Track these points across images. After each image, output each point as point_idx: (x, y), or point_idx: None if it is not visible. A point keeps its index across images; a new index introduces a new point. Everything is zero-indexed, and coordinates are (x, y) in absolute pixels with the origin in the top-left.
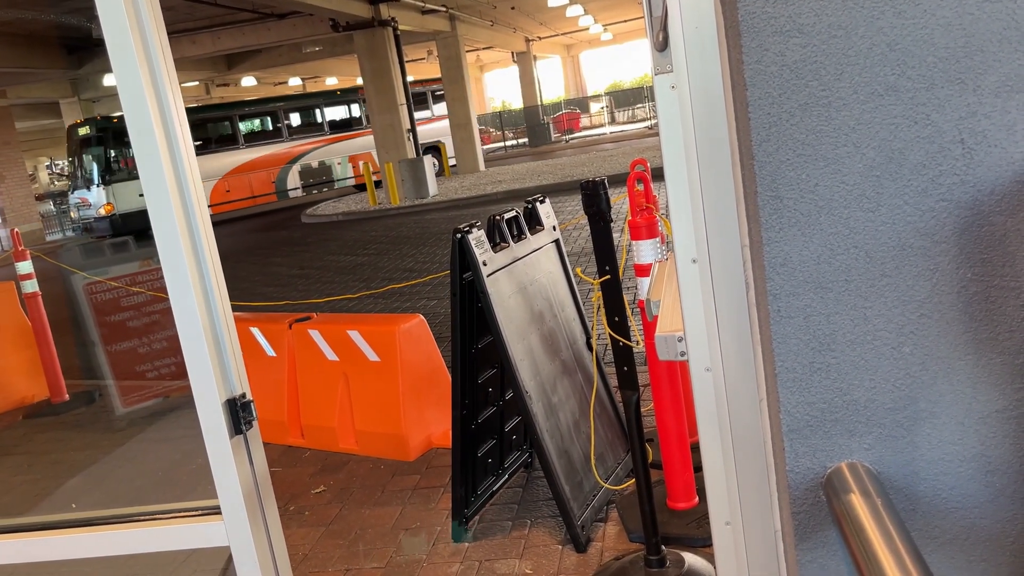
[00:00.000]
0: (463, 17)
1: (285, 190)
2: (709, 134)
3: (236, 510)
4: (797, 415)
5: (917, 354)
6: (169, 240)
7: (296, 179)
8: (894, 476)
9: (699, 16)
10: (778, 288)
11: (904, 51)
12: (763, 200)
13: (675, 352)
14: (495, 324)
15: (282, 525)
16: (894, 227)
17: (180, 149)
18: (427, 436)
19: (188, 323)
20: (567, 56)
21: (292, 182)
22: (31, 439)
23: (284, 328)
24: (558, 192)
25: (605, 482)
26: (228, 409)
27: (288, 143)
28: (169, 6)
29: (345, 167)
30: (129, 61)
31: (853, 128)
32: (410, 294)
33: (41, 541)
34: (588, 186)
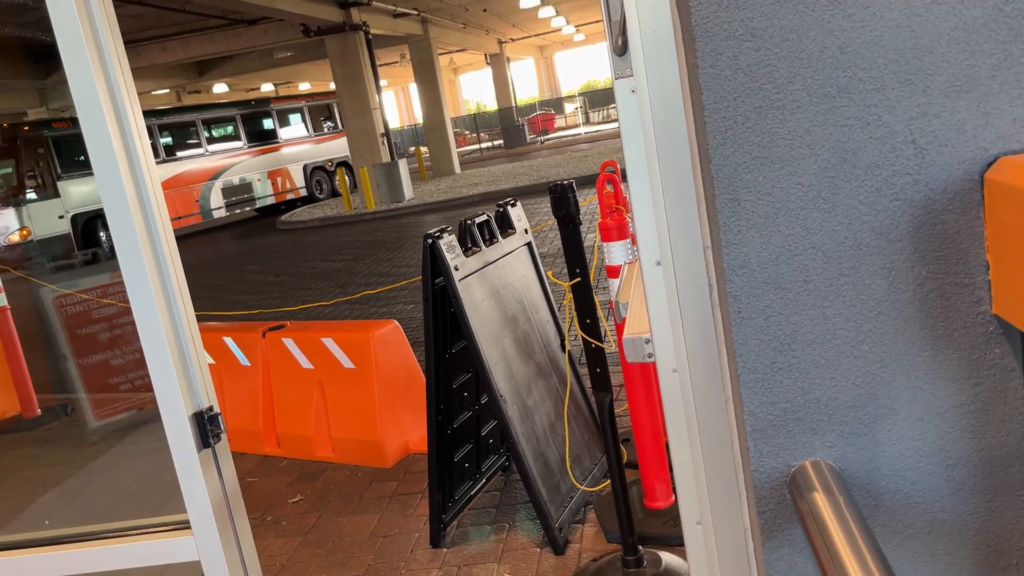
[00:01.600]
0: (435, 20)
1: (209, 209)
2: (669, 138)
3: (206, 524)
4: (760, 415)
5: (876, 352)
6: (130, 253)
7: (219, 198)
8: (856, 473)
9: (656, 21)
10: (738, 289)
11: (855, 53)
12: (721, 203)
13: (643, 354)
14: (468, 328)
15: (259, 535)
16: (850, 227)
17: (139, 159)
18: (404, 442)
19: (152, 337)
20: (540, 57)
21: (215, 201)
22: (3, 455)
23: (258, 337)
24: (533, 193)
25: (582, 484)
26: (195, 423)
27: (209, 158)
28: (136, 13)
29: (265, 184)
30: (84, 70)
31: (807, 130)
32: (385, 299)
33: (9, 561)
34: (556, 189)
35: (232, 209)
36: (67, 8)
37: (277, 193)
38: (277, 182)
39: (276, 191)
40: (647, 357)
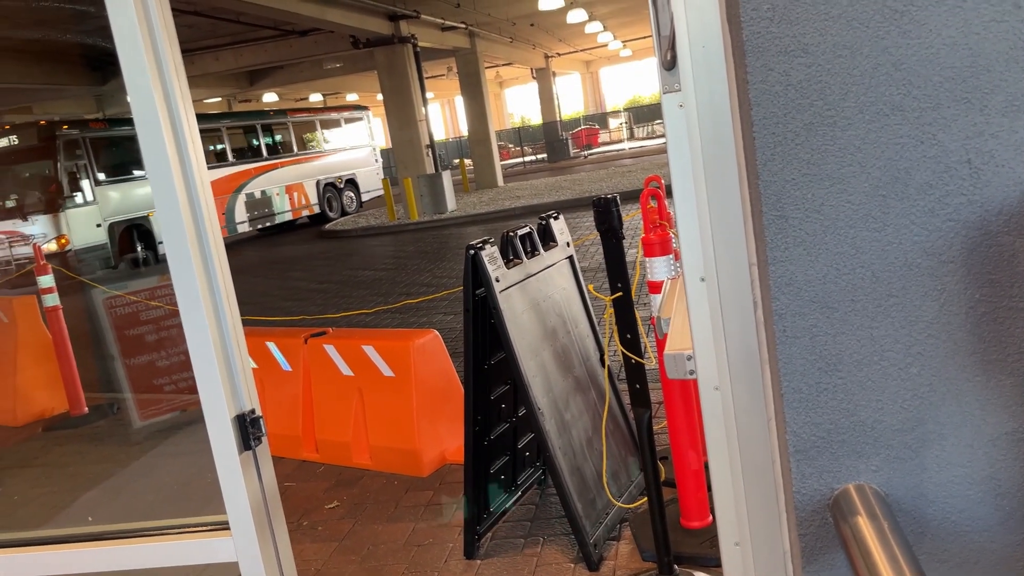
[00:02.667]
0: (483, 34)
1: (234, 223)
2: (716, 153)
3: (244, 526)
4: (804, 435)
5: (925, 375)
6: (180, 258)
7: (243, 211)
8: (902, 498)
9: (706, 36)
10: (784, 307)
11: (909, 71)
12: (768, 219)
13: (684, 370)
14: (507, 340)
15: (295, 540)
16: (901, 247)
17: (192, 166)
18: (441, 452)
19: (198, 340)
20: (586, 72)
21: (240, 215)
22: (50, 451)
23: (300, 343)
24: (576, 207)
25: (618, 500)
26: (237, 425)
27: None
28: (191, 23)
29: (283, 199)
30: (142, 78)
31: (859, 147)
32: (426, 309)
33: (54, 555)
34: (600, 203)
35: (255, 224)
36: (128, 17)
37: (294, 209)
38: (294, 197)
39: (293, 207)
40: (688, 374)
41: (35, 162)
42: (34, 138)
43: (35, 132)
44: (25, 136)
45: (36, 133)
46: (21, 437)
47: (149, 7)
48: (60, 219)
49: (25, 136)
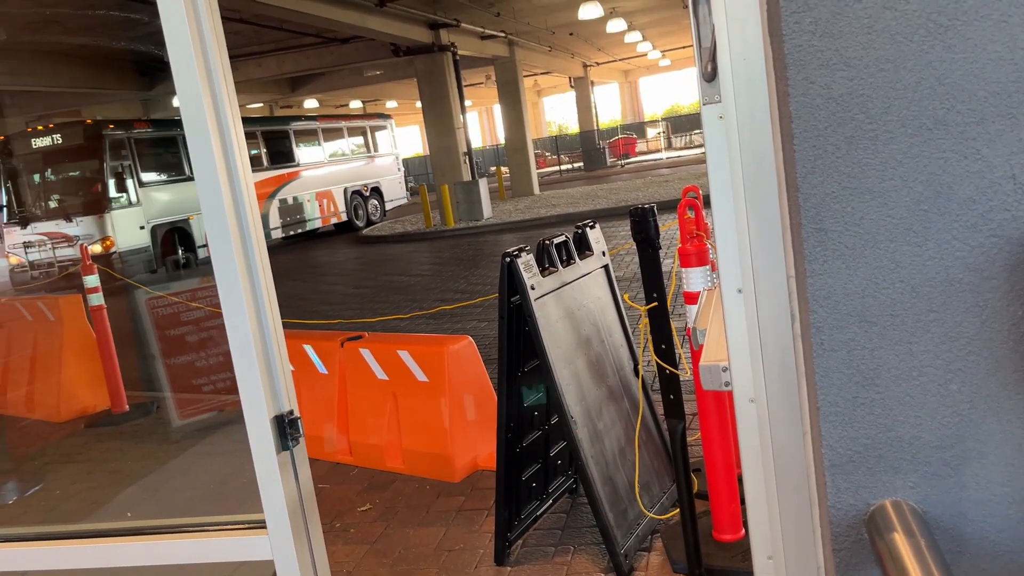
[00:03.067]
0: (521, 43)
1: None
2: (756, 165)
3: (281, 525)
4: (840, 450)
5: (965, 392)
6: (224, 260)
7: (277, 217)
8: (940, 516)
9: (747, 48)
10: (821, 321)
11: (954, 85)
12: (807, 232)
13: (719, 382)
14: (541, 348)
15: (328, 541)
16: (942, 262)
17: (238, 170)
18: (473, 458)
19: (240, 340)
20: (624, 81)
21: (274, 220)
22: (91, 448)
23: (336, 346)
24: (611, 217)
25: (650, 511)
26: (276, 425)
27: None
28: (236, 30)
29: (314, 205)
30: (192, 84)
31: (900, 162)
32: (460, 315)
33: (94, 548)
34: (637, 212)
35: (288, 231)
36: (180, 24)
37: (323, 216)
38: (323, 204)
39: (322, 214)
40: (724, 385)
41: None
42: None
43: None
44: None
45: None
46: (64, 433)
47: (200, 15)
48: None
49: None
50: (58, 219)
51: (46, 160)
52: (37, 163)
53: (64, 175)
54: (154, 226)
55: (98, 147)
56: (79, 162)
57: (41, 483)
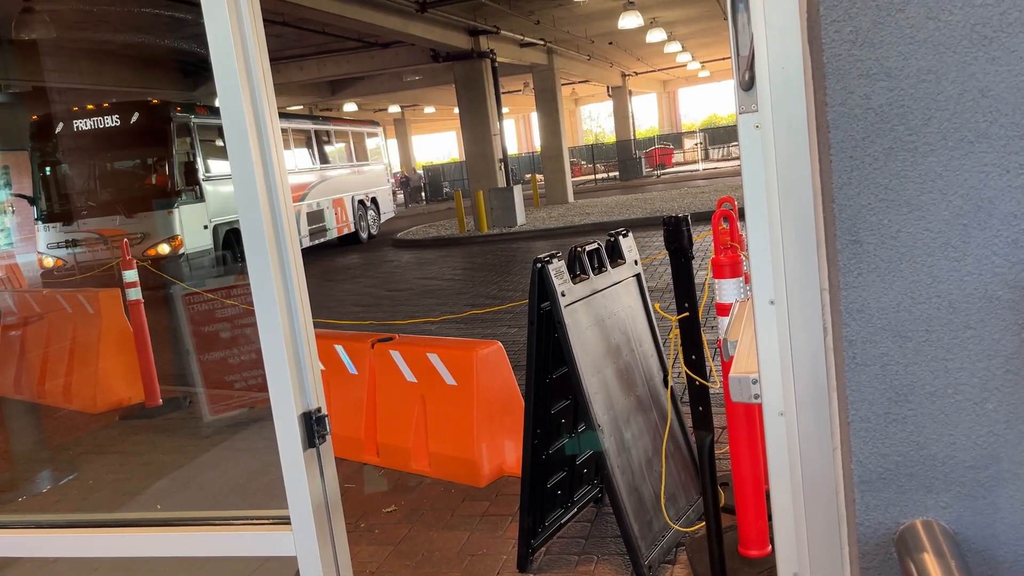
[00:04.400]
0: (560, 51)
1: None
2: (791, 175)
3: (305, 522)
4: (870, 466)
5: (1002, 411)
6: (259, 258)
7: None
8: (972, 538)
9: (786, 57)
10: (854, 334)
11: (997, 98)
12: (842, 244)
13: (749, 394)
14: (570, 355)
15: (352, 541)
16: (980, 278)
17: (274, 172)
18: (499, 463)
19: (271, 338)
20: (663, 91)
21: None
22: (125, 439)
23: (367, 347)
24: (646, 226)
25: (675, 523)
26: (303, 422)
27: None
28: (279, 33)
29: (331, 213)
30: (232, 85)
31: (940, 175)
32: (491, 320)
33: (124, 538)
34: (670, 222)
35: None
36: (222, 26)
37: (338, 225)
38: (338, 213)
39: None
40: (753, 398)
41: (142, 148)
42: (143, 119)
43: (145, 112)
44: (132, 117)
45: (146, 114)
46: (99, 424)
47: (243, 17)
48: (173, 217)
49: (132, 117)
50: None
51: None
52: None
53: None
54: (215, 225)
55: (164, 132)
56: (140, 148)
57: (75, 472)
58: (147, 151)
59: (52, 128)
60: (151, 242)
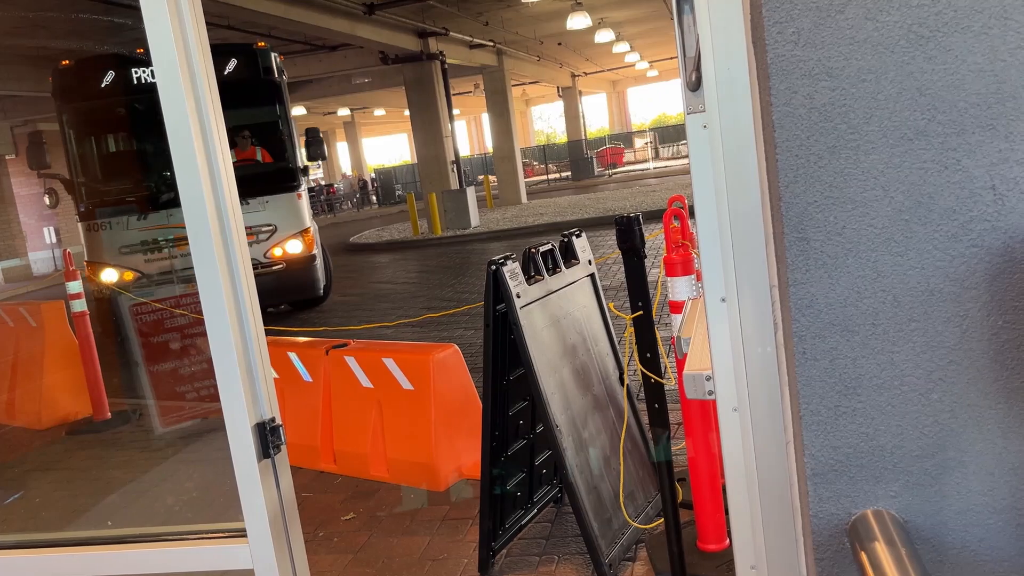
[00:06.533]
0: (510, 52)
1: None
2: (739, 174)
3: (261, 533)
4: (822, 459)
5: (946, 401)
6: (206, 267)
7: None
8: (921, 525)
9: (731, 58)
10: (803, 330)
11: (934, 96)
12: (790, 241)
13: (703, 391)
14: (527, 356)
15: (311, 550)
16: (923, 272)
17: (221, 177)
18: (458, 466)
19: (221, 347)
20: (612, 91)
21: None
22: (72, 455)
23: (321, 354)
24: (599, 226)
25: (635, 520)
26: (257, 433)
27: None
28: (224, 37)
29: None
30: (175, 90)
31: (882, 172)
32: (447, 323)
33: (73, 557)
34: (622, 221)
35: None
36: (163, 30)
37: None
38: None
39: None
40: (707, 394)
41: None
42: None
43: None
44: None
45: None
46: (44, 440)
47: (184, 20)
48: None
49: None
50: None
51: None
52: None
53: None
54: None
55: (275, 87)
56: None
57: (21, 491)
58: (254, 112)
59: (95, 80)
60: (279, 238)
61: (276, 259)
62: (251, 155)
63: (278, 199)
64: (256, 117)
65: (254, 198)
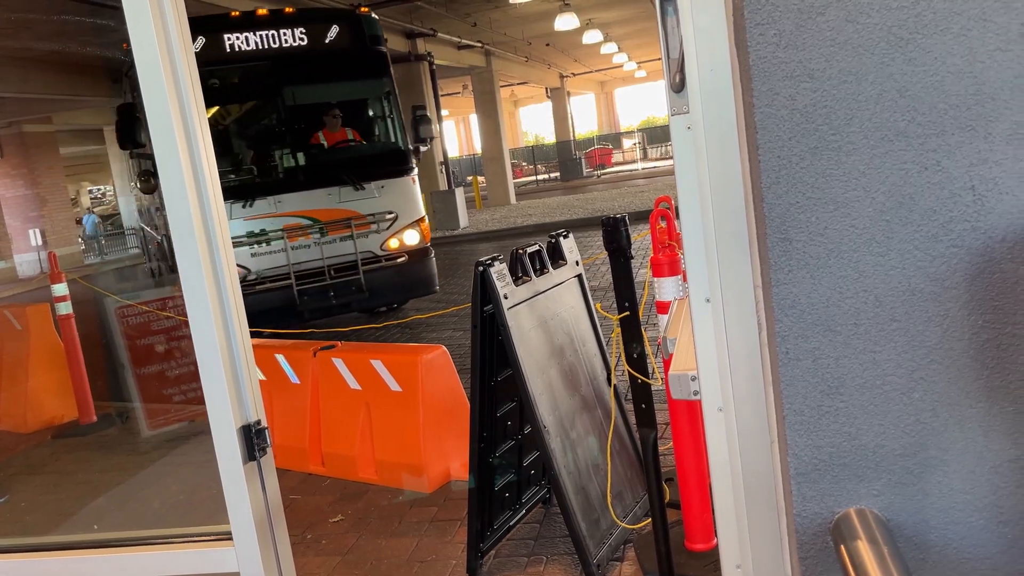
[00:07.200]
0: (498, 53)
1: None
2: (723, 175)
3: (247, 536)
4: (805, 458)
5: (927, 400)
6: (191, 268)
7: None
8: (903, 524)
9: (714, 59)
10: (787, 330)
11: (914, 97)
12: (772, 242)
13: (688, 391)
14: (514, 357)
15: (299, 553)
16: (904, 272)
17: (205, 178)
18: (446, 468)
19: (206, 350)
20: (600, 92)
21: None
22: (59, 459)
23: (309, 356)
24: (587, 227)
25: (623, 521)
26: (243, 435)
27: None
28: None
29: None
30: (159, 91)
31: (863, 172)
32: (435, 324)
33: (58, 561)
34: (609, 222)
35: None
36: (146, 31)
37: None
38: None
39: None
40: (693, 394)
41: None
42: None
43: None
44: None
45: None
46: (30, 444)
47: (167, 22)
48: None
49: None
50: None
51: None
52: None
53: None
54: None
55: (381, 58)
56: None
57: (6, 495)
58: (360, 87)
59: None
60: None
61: (393, 251)
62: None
63: (393, 184)
64: (363, 92)
65: (369, 183)
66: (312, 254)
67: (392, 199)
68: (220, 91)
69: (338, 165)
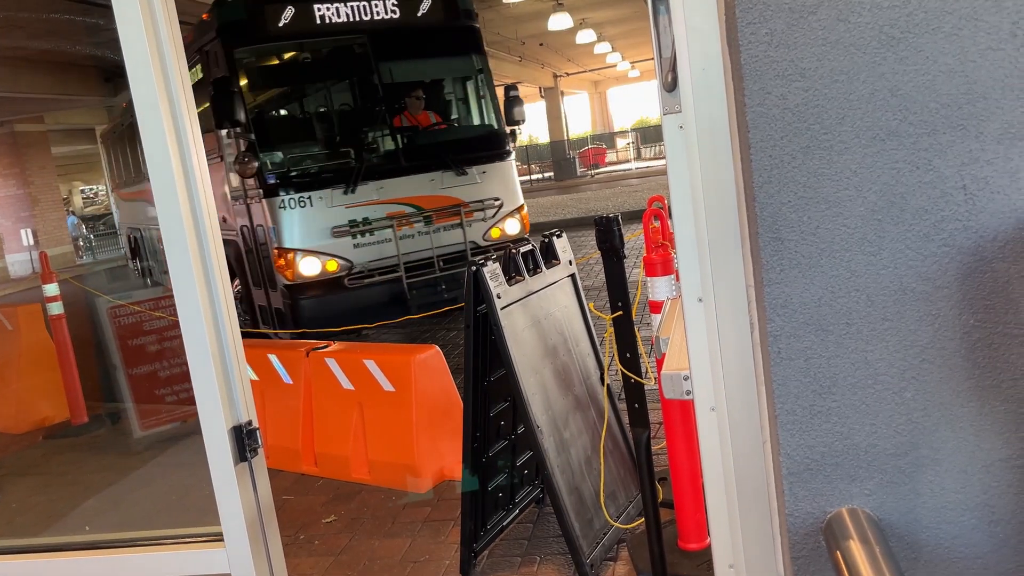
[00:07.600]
0: (492, 52)
1: None
2: (715, 175)
3: (238, 537)
4: (797, 458)
5: (919, 399)
6: (181, 269)
7: None
8: (895, 523)
9: (706, 59)
10: (779, 329)
11: (906, 97)
12: (764, 241)
13: (681, 390)
14: (507, 357)
15: (292, 554)
16: (895, 271)
17: (195, 176)
18: (439, 468)
19: (197, 351)
20: (594, 92)
21: None
22: (50, 460)
23: (301, 356)
24: (580, 226)
25: (616, 520)
26: (234, 436)
27: None
28: None
29: None
30: (148, 90)
31: (855, 172)
32: (428, 324)
33: (50, 563)
34: (602, 222)
35: None
36: (135, 30)
37: None
38: None
39: None
40: (685, 394)
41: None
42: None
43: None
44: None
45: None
46: (21, 445)
47: (157, 20)
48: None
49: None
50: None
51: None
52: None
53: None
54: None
55: (476, 37)
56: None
57: None
58: (455, 64)
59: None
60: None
61: (495, 241)
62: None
63: (495, 169)
64: (459, 69)
65: (470, 167)
66: (418, 244)
67: (495, 185)
68: (310, 67)
69: (437, 148)
